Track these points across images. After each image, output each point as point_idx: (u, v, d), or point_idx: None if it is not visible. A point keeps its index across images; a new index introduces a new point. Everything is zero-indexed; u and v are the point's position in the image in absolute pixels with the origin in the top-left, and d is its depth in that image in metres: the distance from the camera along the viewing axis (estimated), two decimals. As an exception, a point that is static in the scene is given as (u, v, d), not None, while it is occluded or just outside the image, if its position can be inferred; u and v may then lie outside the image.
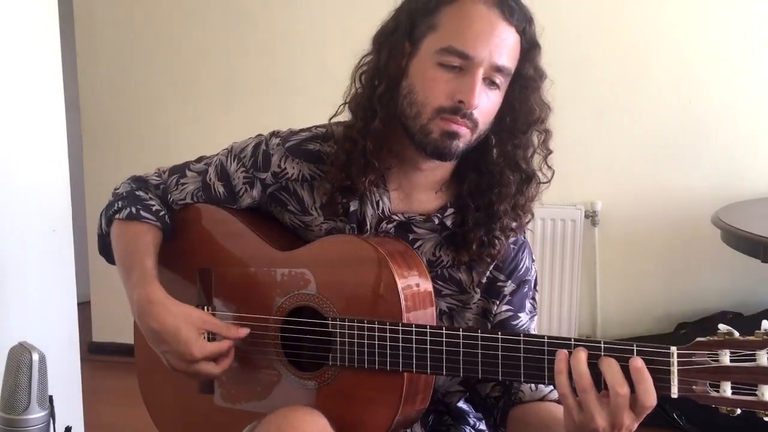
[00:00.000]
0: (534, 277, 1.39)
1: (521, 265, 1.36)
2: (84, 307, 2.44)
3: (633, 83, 3.09)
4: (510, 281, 1.35)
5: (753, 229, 2.40)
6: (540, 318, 1.44)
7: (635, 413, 1.04)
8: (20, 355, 1.32)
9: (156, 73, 3.54)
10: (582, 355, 1.06)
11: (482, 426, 1.48)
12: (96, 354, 3.60)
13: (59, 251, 2.21)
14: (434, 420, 1.41)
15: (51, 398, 1.36)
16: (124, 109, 3.61)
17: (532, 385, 1.30)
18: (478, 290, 1.34)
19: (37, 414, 1.33)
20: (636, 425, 1.05)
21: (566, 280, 3.19)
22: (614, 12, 3.08)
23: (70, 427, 1.44)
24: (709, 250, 2.96)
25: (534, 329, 1.38)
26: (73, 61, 3.53)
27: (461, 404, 1.46)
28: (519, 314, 1.35)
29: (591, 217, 3.16)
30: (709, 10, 3.00)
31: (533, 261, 1.40)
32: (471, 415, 1.47)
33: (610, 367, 1.05)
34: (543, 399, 1.29)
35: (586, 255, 3.20)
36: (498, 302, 1.34)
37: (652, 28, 3.05)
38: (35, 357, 1.32)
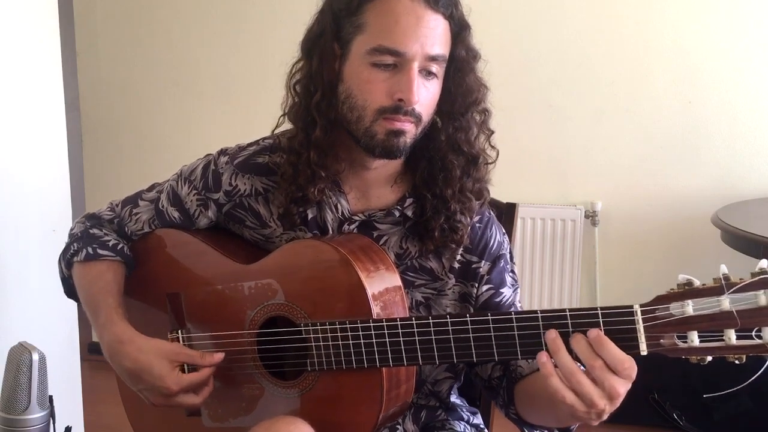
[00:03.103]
0: (508, 250, 1.38)
1: (492, 242, 1.35)
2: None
3: (633, 83, 3.08)
4: (484, 260, 1.34)
5: (753, 229, 2.40)
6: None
7: (621, 377, 1.04)
8: (20, 355, 1.32)
9: (156, 73, 3.54)
10: (562, 348, 1.06)
11: (476, 420, 1.48)
12: (96, 354, 3.58)
13: (59, 252, 2.21)
14: (427, 416, 1.41)
15: (51, 398, 1.36)
16: (124, 109, 3.62)
17: (527, 359, 1.29)
18: (452, 275, 1.34)
19: (37, 414, 1.33)
20: (629, 385, 1.05)
21: (566, 280, 3.19)
22: (614, 11, 3.07)
23: (70, 427, 1.44)
24: (709, 250, 2.96)
25: (519, 303, 1.38)
26: (73, 61, 3.53)
27: (454, 399, 1.46)
28: (501, 290, 1.35)
29: (591, 217, 3.15)
30: (710, 11, 3.00)
31: (504, 234, 1.39)
32: (464, 409, 1.47)
33: (578, 344, 1.05)
34: None
35: (586, 255, 3.19)
36: (477, 284, 1.34)
37: (653, 28, 3.05)
38: (35, 357, 1.32)
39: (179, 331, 1.38)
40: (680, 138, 3.07)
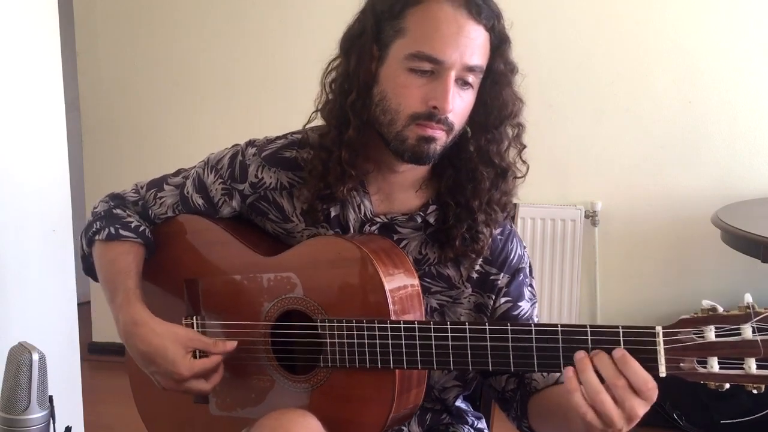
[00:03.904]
0: (528, 264, 1.38)
1: (512, 255, 1.35)
2: (84, 307, 2.45)
3: (633, 83, 3.09)
4: (503, 273, 1.34)
5: (753, 229, 2.40)
6: (540, 316, 1.43)
7: (642, 398, 1.04)
8: (20, 355, 1.32)
9: (156, 73, 3.54)
10: (590, 367, 1.05)
11: (481, 425, 1.48)
12: (96, 354, 3.61)
13: (59, 251, 2.21)
14: (432, 419, 1.41)
15: (51, 398, 1.36)
16: (124, 109, 3.62)
17: (543, 372, 1.29)
18: (468, 285, 1.34)
19: (37, 414, 1.33)
20: (648, 407, 1.05)
21: (566, 280, 3.19)
22: (614, 11, 3.08)
23: (70, 427, 1.44)
24: (709, 250, 2.96)
25: (536, 317, 1.37)
26: (73, 61, 3.53)
27: (459, 403, 1.46)
28: (519, 303, 1.34)
29: (591, 217, 3.16)
30: (710, 11, 3.00)
31: (524, 247, 1.39)
32: (470, 414, 1.47)
33: (602, 362, 1.05)
34: (557, 383, 1.28)
35: (586, 255, 3.20)
36: (494, 296, 1.34)
37: (653, 28, 3.05)
38: (35, 357, 1.32)
39: (194, 318, 1.38)
40: (680, 138, 3.07)
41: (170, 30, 3.51)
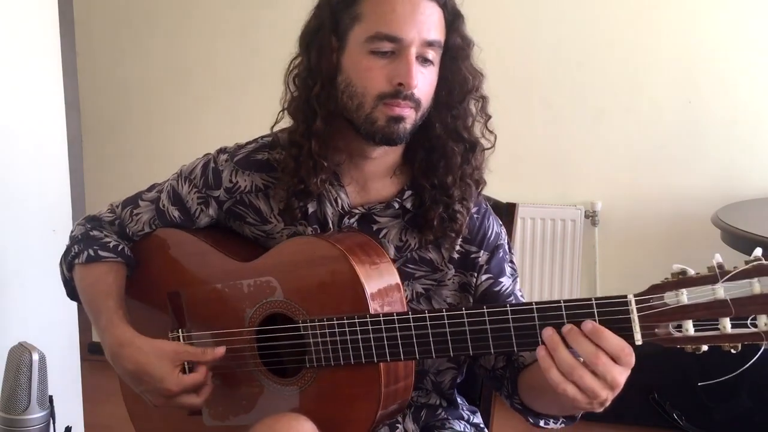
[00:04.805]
0: (506, 240, 1.40)
1: (489, 232, 1.37)
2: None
3: (633, 83, 3.08)
4: (483, 250, 1.36)
5: (753, 229, 2.40)
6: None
7: (621, 365, 1.04)
8: (20, 355, 1.32)
9: (155, 73, 3.54)
10: (560, 344, 1.06)
11: (476, 419, 1.48)
12: (96, 354, 3.59)
13: (59, 252, 2.21)
14: (427, 415, 1.41)
15: (51, 398, 1.36)
16: (124, 110, 3.62)
17: (523, 351, 1.29)
18: (451, 266, 1.35)
19: (37, 414, 1.33)
20: (629, 372, 1.05)
21: (566, 280, 3.19)
22: (614, 12, 3.08)
23: (70, 427, 1.45)
24: (709, 251, 2.95)
25: (518, 291, 1.39)
26: (73, 61, 3.53)
27: (455, 396, 1.46)
28: (500, 279, 1.36)
29: (591, 217, 3.16)
30: (709, 11, 3.00)
31: (501, 225, 1.41)
32: (465, 409, 1.48)
33: (577, 340, 1.05)
34: None
35: (586, 255, 3.20)
36: (476, 274, 1.36)
37: (652, 28, 3.05)
38: (35, 357, 1.33)
39: (179, 330, 1.38)
40: (680, 138, 3.07)
41: (170, 30, 3.51)
